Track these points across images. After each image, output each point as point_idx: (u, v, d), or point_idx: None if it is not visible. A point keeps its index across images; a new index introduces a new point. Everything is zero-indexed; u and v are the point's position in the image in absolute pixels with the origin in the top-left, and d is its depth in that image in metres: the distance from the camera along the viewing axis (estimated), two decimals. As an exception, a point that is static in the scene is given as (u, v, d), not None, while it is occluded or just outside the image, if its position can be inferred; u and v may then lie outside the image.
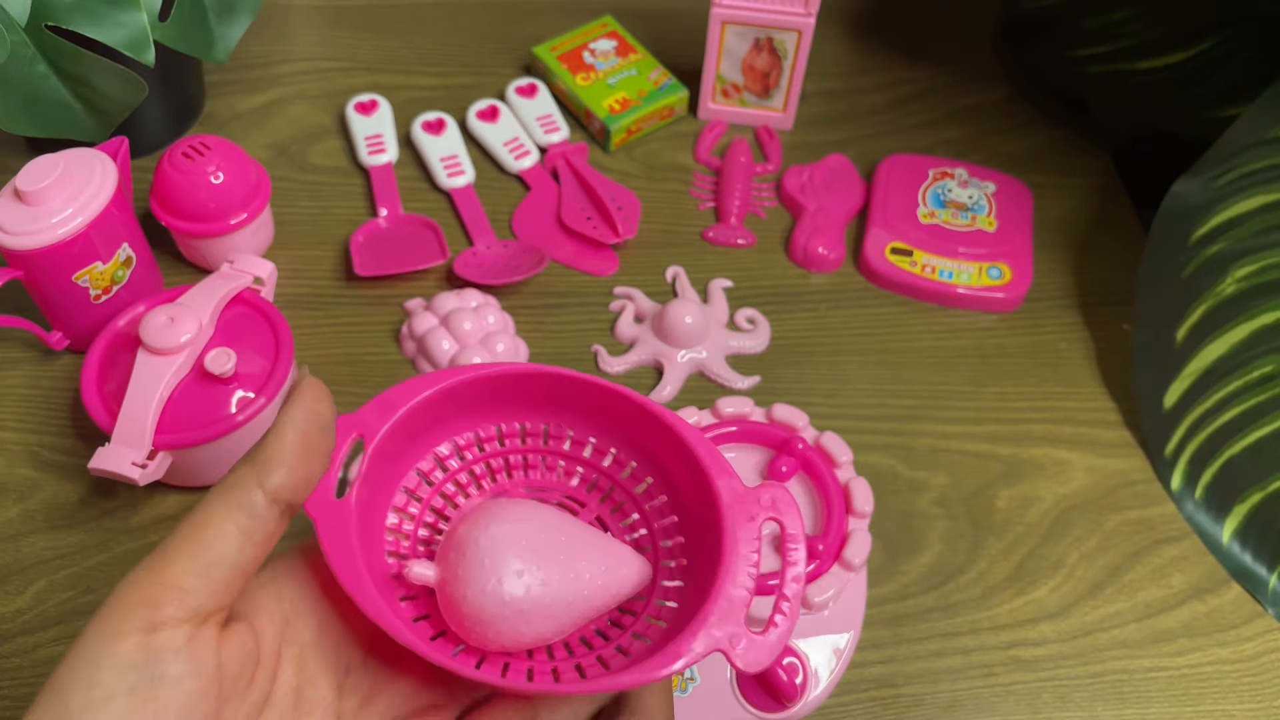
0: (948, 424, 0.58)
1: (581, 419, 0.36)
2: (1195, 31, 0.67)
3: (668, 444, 0.34)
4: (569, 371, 0.34)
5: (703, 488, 0.33)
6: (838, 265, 0.64)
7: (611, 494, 0.36)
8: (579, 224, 0.64)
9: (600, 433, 0.36)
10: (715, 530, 0.32)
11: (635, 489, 0.35)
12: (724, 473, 0.33)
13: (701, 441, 0.33)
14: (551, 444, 0.36)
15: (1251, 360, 0.55)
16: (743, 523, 0.32)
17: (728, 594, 0.30)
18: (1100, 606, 0.52)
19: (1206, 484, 0.55)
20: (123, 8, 0.54)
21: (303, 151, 0.68)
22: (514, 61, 0.74)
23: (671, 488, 0.35)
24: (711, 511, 0.32)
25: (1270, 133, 0.56)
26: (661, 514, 0.35)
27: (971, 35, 0.78)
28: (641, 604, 0.33)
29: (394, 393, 0.32)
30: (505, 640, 0.30)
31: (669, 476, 0.35)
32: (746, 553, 0.31)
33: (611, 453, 0.35)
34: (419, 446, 0.34)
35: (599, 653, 0.32)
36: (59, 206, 0.51)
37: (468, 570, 0.30)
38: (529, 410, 0.35)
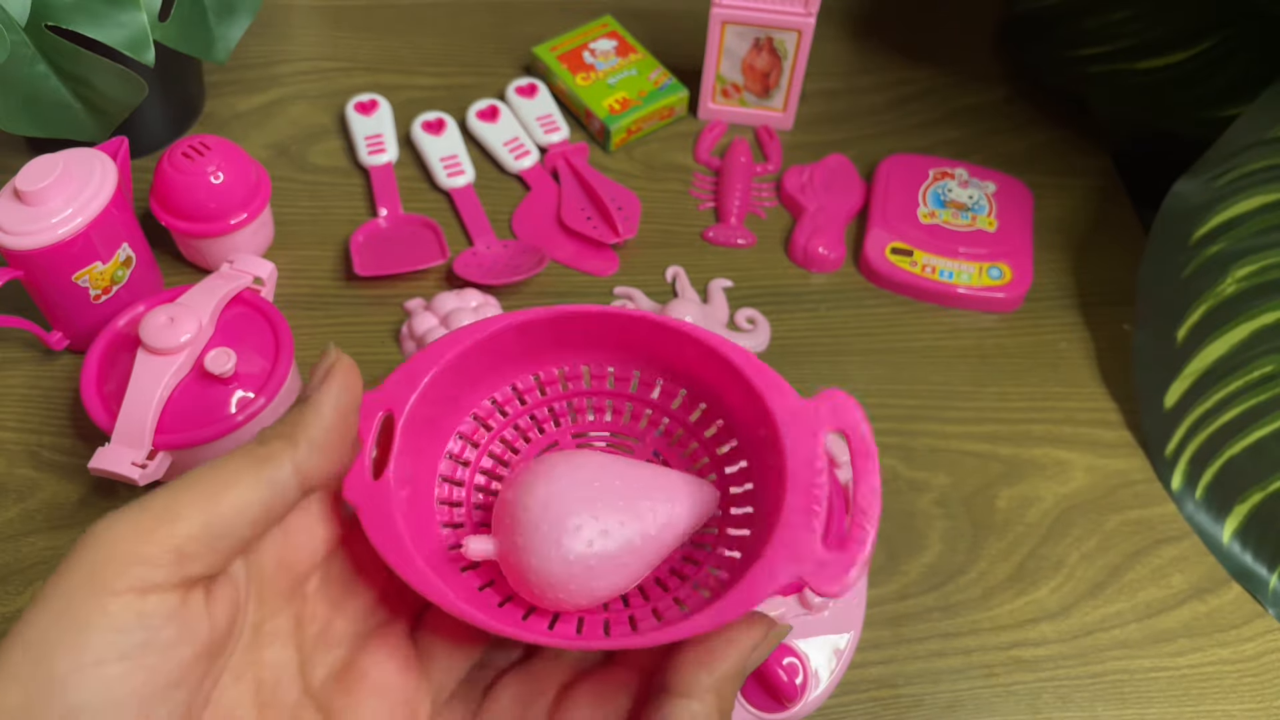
0: (948, 424, 0.58)
1: (620, 355, 0.34)
2: (1195, 31, 0.67)
3: (714, 368, 0.32)
4: (597, 307, 0.32)
5: (757, 408, 0.31)
6: (838, 265, 0.64)
7: (666, 426, 0.34)
8: (579, 224, 0.64)
9: (642, 366, 0.34)
10: (777, 451, 0.30)
11: (689, 418, 0.33)
12: (777, 390, 0.31)
13: (749, 360, 0.31)
14: (595, 384, 0.34)
15: (1252, 360, 0.55)
16: (804, 440, 0.30)
17: (792, 520, 0.28)
18: (1100, 606, 0.52)
19: (1207, 484, 0.55)
20: (123, 8, 0.54)
21: (303, 151, 0.68)
22: (514, 61, 0.74)
23: (726, 412, 0.33)
24: (770, 432, 0.30)
25: (1270, 133, 0.56)
26: (720, 440, 0.33)
27: (971, 35, 0.78)
28: (713, 536, 0.32)
29: (416, 361, 0.31)
30: (580, 599, 0.29)
31: (721, 401, 0.33)
32: (810, 473, 0.29)
33: (659, 384, 0.34)
34: (457, 410, 0.33)
35: (675, 594, 0.31)
36: (59, 206, 0.51)
37: (525, 537, 0.29)
38: (564, 354, 0.34)
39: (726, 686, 0.28)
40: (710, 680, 0.27)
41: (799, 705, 0.46)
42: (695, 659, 0.28)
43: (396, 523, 0.28)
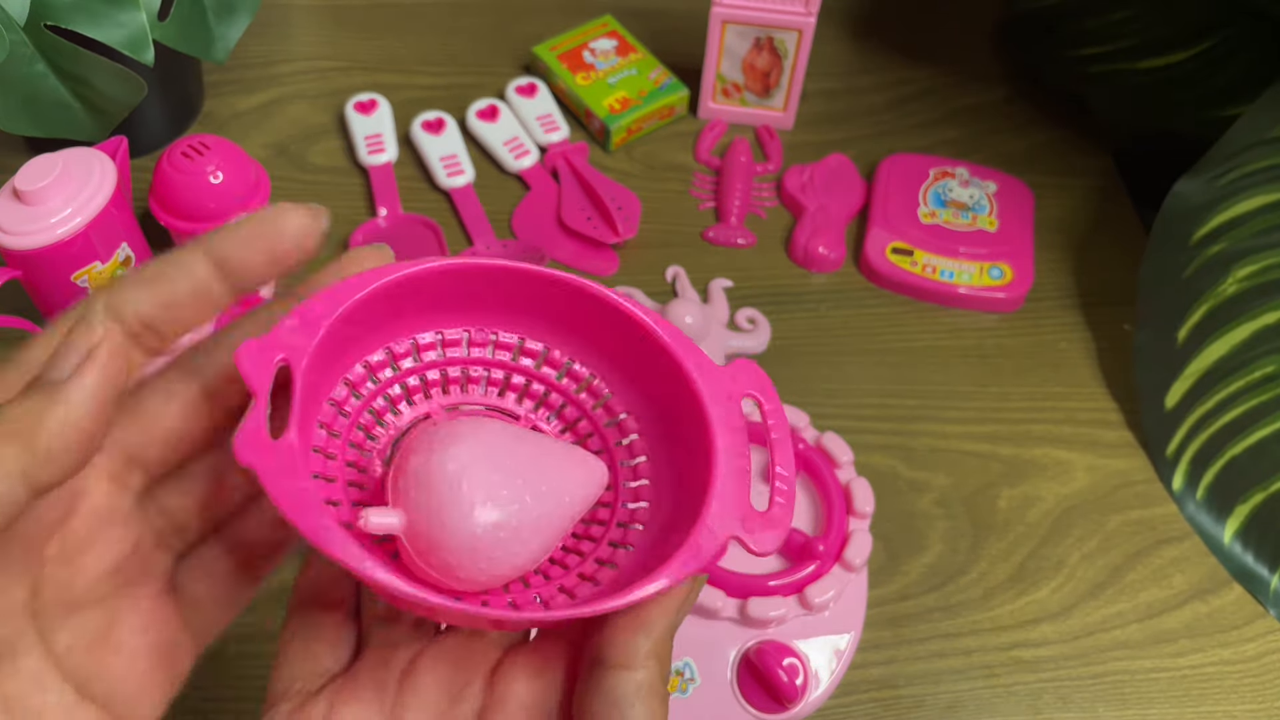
0: (948, 424, 0.58)
1: (510, 317, 0.32)
2: (1196, 31, 0.67)
3: (616, 331, 0.31)
4: (481, 263, 0.30)
5: (667, 372, 0.30)
6: (838, 265, 0.64)
7: (546, 399, 0.32)
8: (579, 224, 0.64)
9: (533, 330, 0.32)
10: (692, 416, 0.29)
11: (574, 390, 0.32)
12: (690, 352, 0.30)
13: (660, 321, 0.30)
14: (474, 352, 0.32)
15: (1253, 360, 0.55)
16: (724, 404, 0.29)
17: (727, 482, 0.28)
18: (1101, 607, 0.52)
19: (1208, 484, 0.55)
20: (122, 7, 0.54)
21: (302, 151, 0.68)
22: (514, 61, 0.74)
23: (624, 378, 0.31)
24: (682, 395, 0.29)
25: (1271, 132, 0.56)
26: (611, 411, 0.32)
27: (972, 35, 0.78)
28: (608, 511, 0.31)
29: (314, 305, 0.28)
30: (488, 576, 0.27)
31: (619, 366, 0.31)
32: (734, 435, 0.29)
33: (542, 352, 0.32)
34: (343, 363, 0.30)
35: (577, 570, 0.29)
36: (58, 206, 0.51)
37: (434, 509, 0.26)
38: (472, 313, 0.31)
39: (664, 648, 0.27)
40: (649, 645, 0.27)
41: (799, 706, 0.46)
42: (630, 626, 0.27)
43: (309, 491, 0.25)
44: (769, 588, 0.47)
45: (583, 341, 0.32)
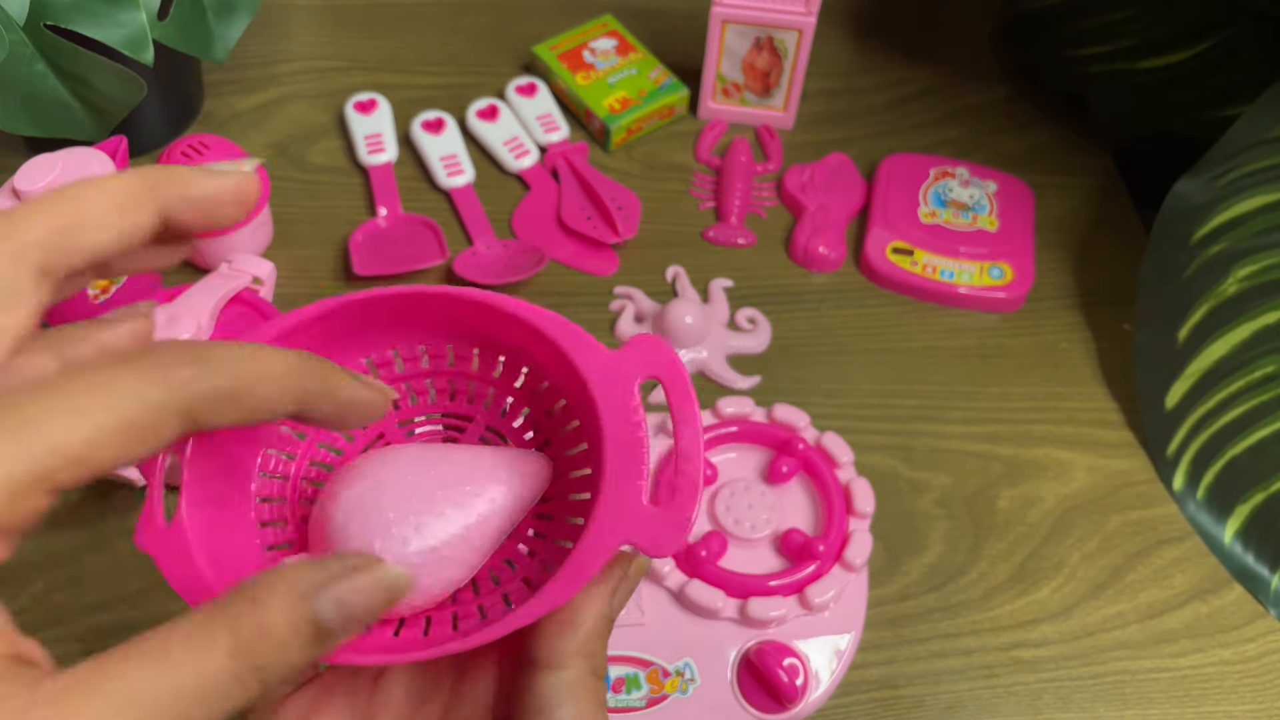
0: (949, 424, 0.58)
1: (429, 334, 0.32)
2: (1196, 31, 0.67)
3: (527, 335, 0.30)
4: (390, 290, 0.30)
5: (568, 369, 0.29)
6: (838, 265, 0.64)
7: (494, 398, 0.32)
8: (579, 224, 0.64)
9: (455, 341, 0.32)
10: (587, 408, 0.28)
11: (514, 384, 0.32)
12: (585, 347, 0.29)
13: (553, 321, 0.29)
14: (408, 367, 0.32)
15: (1253, 360, 0.55)
16: (617, 394, 0.28)
17: (616, 482, 0.27)
18: (1102, 607, 0.52)
19: (1208, 484, 0.55)
20: (122, 7, 0.54)
21: (302, 151, 0.68)
22: (514, 60, 0.74)
23: (550, 377, 0.31)
24: (582, 391, 0.29)
25: (1271, 132, 0.56)
26: (548, 404, 0.31)
27: (972, 35, 0.78)
28: (558, 504, 0.30)
29: None
30: (419, 599, 0.27)
31: (544, 368, 0.31)
32: (628, 428, 0.27)
33: (475, 354, 0.32)
34: None
35: (524, 574, 0.29)
36: (57, 206, 0.50)
37: (341, 545, 0.27)
38: (369, 342, 0.31)
39: (594, 644, 0.27)
40: (575, 644, 0.27)
41: (799, 706, 0.46)
42: (556, 625, 0.27)
43: (201, 569, 0.25)
44: (769, 588, 0.47)
45: (499, 345, 0.32)
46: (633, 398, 0.28)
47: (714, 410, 0.53)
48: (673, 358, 0.29)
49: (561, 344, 0.29)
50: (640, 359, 0.29)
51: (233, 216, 0.25)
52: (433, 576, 0.27)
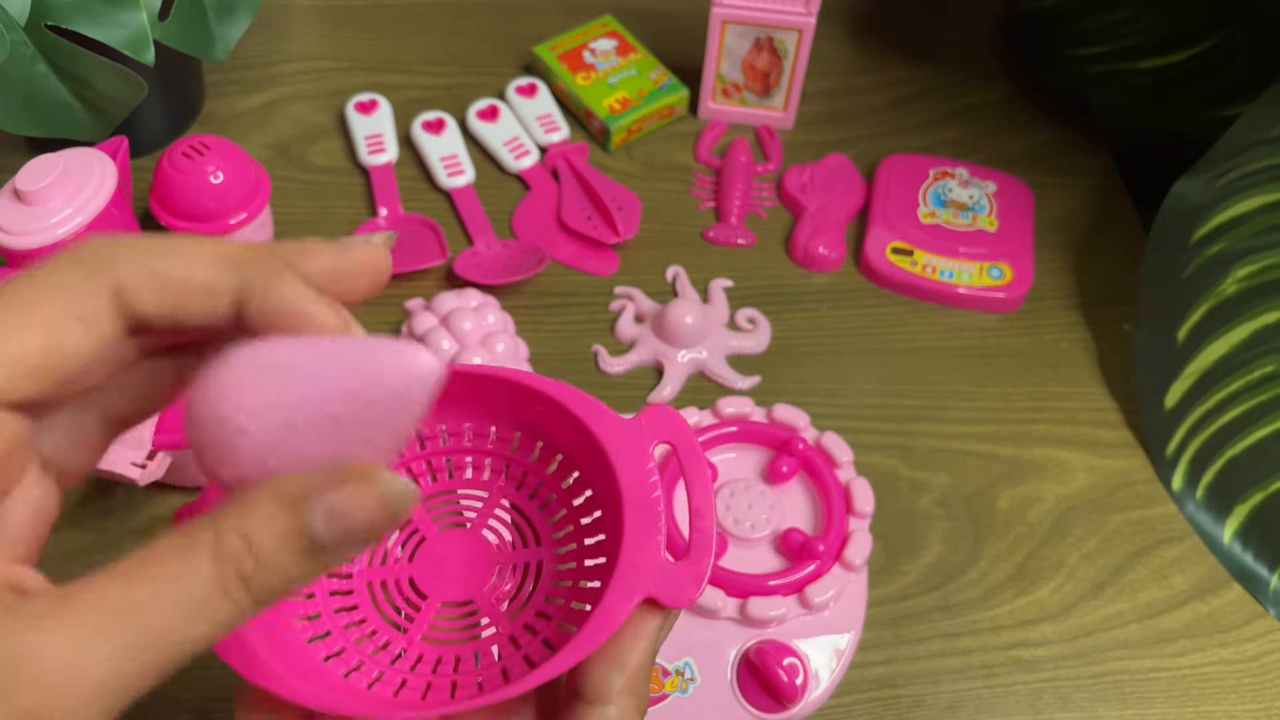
0: (948, 424, 0.58)
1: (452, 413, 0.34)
2: (1196, 31, 0.67)
3: (541, 408, 0.32)
4: None
5: (585, 436, 0.31)
6: (838, 265, 0.64)
7: (509, 470, 0.34)
8: (579, 224, 0.64)
9: (478, 418, 0.33)
10: (610, 474, 0.30)
11: (529, 458, 0.34)
12: (598, 413, 0.31)
13: (567, 391, 0.31)
14: (430, 445, 0.34)
15: (1253, 360, 0.55)
16: (634, 457, 0.30)
17: (636, 539, 0.29)
18: (1101, 607, 0.52)
19: (1208, 484, 0.55)
20: (122, 7, 0.54)
21: (302, 151, 0.68)
22: (514, 61, 0.74)
23: (563, 447, 0.33)
24: (600, 456, 0.30)
25: (1271, 132, 0.56)
26: (563, 475, 0.33)
27: (972, 35, 0.78)
28: (571, 571, 0.32)
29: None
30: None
31: (557, 438, 0.33)
32: (645, 488, 0.29)
33: (492, 430, 0.34)
34: None
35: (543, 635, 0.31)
36: (58, 206, 0.51)
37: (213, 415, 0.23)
38: None
39: (639, 683, 0.28)
40: (623, 681, 0.27)
41: (799, 706, 0.46)
42: (604, 662, 0.27)
43: (266, 662, 0.27)
44: (769, 587, 0.47)
45: (517, 419, 0.34)
46: (649, 460, 0.30)
47: (714, 410, 0.53)
48: (683, 424, 0.31)
49: (578, 413, 0.31)
50: (653, 425, 0.31)
51: (364, 290, 0.25)
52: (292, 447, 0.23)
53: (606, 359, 0.59)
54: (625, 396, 0.58)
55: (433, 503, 0.35)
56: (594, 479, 0.32)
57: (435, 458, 0.35)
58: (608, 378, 0.58)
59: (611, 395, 0.58)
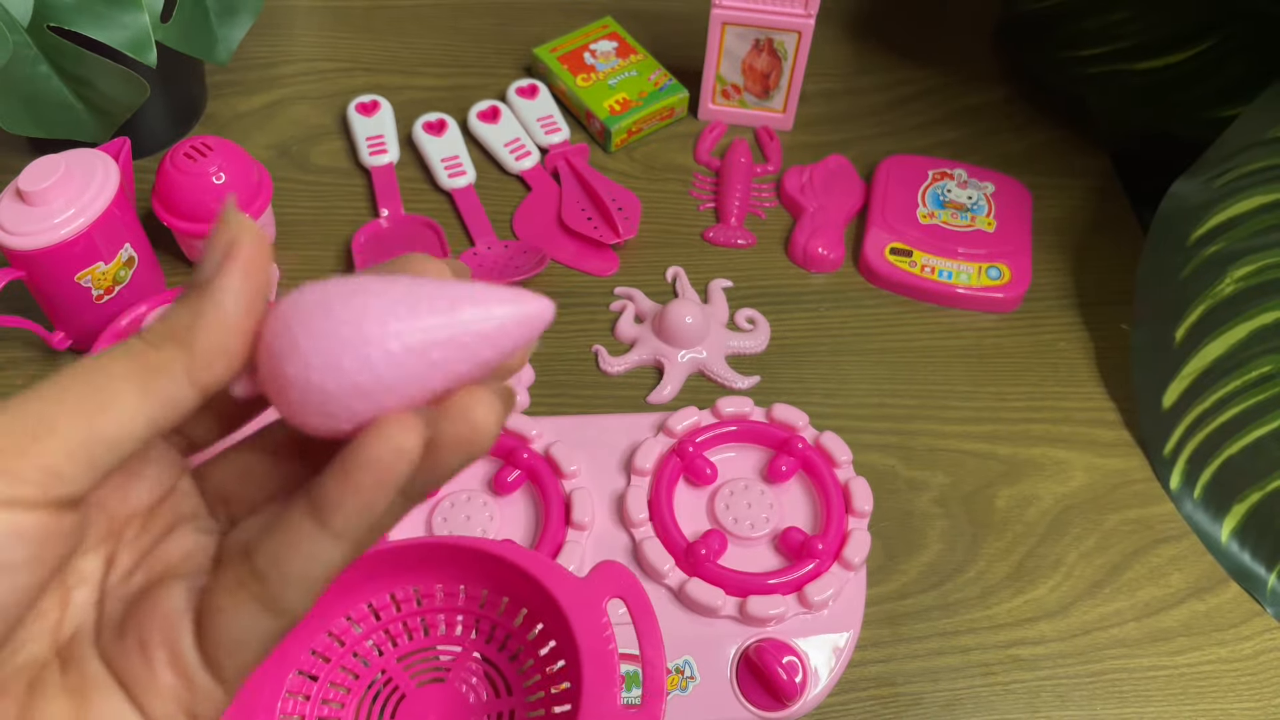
0: (947, 424, 0.58)
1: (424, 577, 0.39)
2: (1194, 32, 0.67)
3: (504, 569, 0.37)
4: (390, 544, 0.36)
5: (544, 596, 0.35)
6: (837, 265, 0.64)
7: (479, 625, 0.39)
8: (579, 224, 0.64)
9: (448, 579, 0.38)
10: (569, 630, 0.34)
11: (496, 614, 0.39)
12: (554, 575, 0.34)
13: (525, 555, 0.36)
14: (404, 608, 0.39)
15: (1250, 360, 0.55)
16: (588, 613, 0.34)
17: (593, 690, 0.32)
18: (1099, 605, 0.52)
19: (1205, 483, 0.55)
20: (125, 9, 0.54)
21: (304, 152, 0.68)
22: (515, 62, 0.75)
23: (528, 603, 0.37)
24: (559, 614, 0.34)
25: (1268, 133, 0.57)
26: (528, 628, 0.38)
27: (971, 36, 0.78)
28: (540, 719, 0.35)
29: None
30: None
31: (524, 597, 0.37)
32: (601, 641, 0.33)
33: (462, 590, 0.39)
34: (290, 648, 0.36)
35: None
36: (61, 207, 0.51)
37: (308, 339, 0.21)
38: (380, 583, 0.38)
39: None
40: None
41: (799, 703, 0.46)
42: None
43: None
44: (768, 586, 0.47)
45: (484, 577, 0.38)
46: (602, 615, 0.34)
47: (714, 410, 0.53)
48: (632, 580, 0.35)
49: (537, 576, 0.35)
50: (606, 582, 0.35)
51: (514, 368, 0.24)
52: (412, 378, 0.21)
53: (606, 359, 0.59)
54: (625, 396, 0.58)
55: (411, 660, 0.39)
56: (556, 631, 0.36)
57: (410, 618, 0.39)
58: (608, 378, 0.59)
59: (611, 395, 0.58)
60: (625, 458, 0.52)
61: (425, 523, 0.49)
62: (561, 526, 0.49)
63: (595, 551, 0.49)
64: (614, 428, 0.54)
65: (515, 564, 0.35)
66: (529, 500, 0.51)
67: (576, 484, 0.51)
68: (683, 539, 0.49)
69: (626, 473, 0.52)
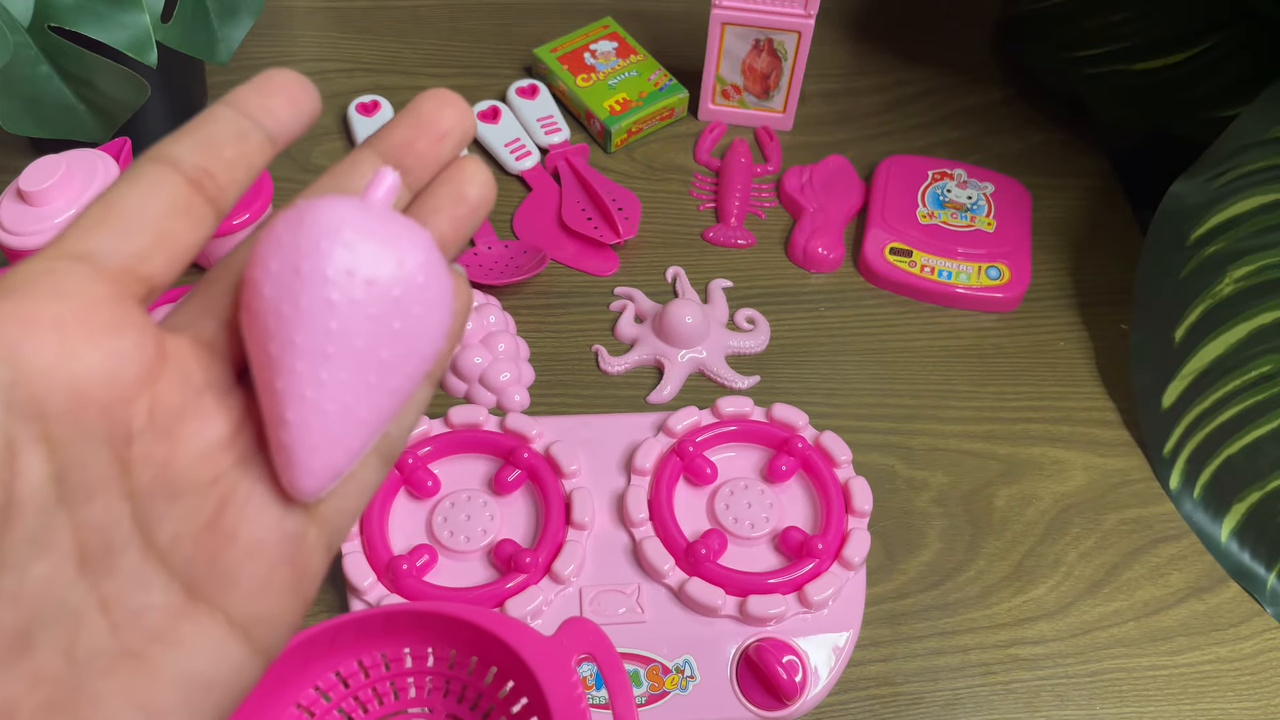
0: (946, 423, 0.58)
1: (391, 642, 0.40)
2: (1193, 32, 0.67)
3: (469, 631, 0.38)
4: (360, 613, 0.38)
5: (512, 657, 0.36)
6: (837, 265, 0.64)
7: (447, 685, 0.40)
8: (580, 224, 0.64)
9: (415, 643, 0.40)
10: (539, 690, 0.35)
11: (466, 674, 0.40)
12: (522, 636, 0.36)
13: (490, 616, 0.37)
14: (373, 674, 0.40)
15: (1249, 360, 0.55)
16: (558, 672, 0.35)
17: None
18: (1099, 605, 0.52)
19: (1205, 483, 0.55)
20: (125, 9, 0.54)
21: (305, 152, 0.69)
22: (515, 63, 0.75)
23: (495, 662, 0.39)
24: (528, 675, 0.35)
25: (1268, 133, 0.57)
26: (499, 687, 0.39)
27: (970, 36, 0.78)
28: None
29: None
30: None
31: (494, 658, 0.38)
32: (572, 699, 0.34)
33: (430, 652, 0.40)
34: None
35: None
36: (62, 207, 0.51)
37: None
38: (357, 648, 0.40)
39: None
40: None
41: (799, 703, 0.46)
42: None
43: None
44: (768, 585, 0.47)
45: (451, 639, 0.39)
46: (572, 674, 0.35)
47: (714, 410, 0.53)
48: (601, 636, 0.36)
49: (504, 638, 0.36)
50: (574, 640, 0.36)
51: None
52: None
53: (607, 359, 0.59)
54: (625, 396, 0.58)
55: None
56: (527, 689, 0.37)
57: (380, 683, 0.39)
58: (608, 378, 0.59)
59: (612, 395, 0.58)
60: (625, 457, 0.52)
61: (425, 522, 0.49)
62: (562, 526, 0.49)
63: (596, 551, 0.49)
64: (614, 428, 0.54)
65: (482, 627, 0.37)
66: (529, 500, 0.51)
67: (577, 484, 0.51)
68: (683, 539, 0.49)
69: (626, 472, 0.52)
